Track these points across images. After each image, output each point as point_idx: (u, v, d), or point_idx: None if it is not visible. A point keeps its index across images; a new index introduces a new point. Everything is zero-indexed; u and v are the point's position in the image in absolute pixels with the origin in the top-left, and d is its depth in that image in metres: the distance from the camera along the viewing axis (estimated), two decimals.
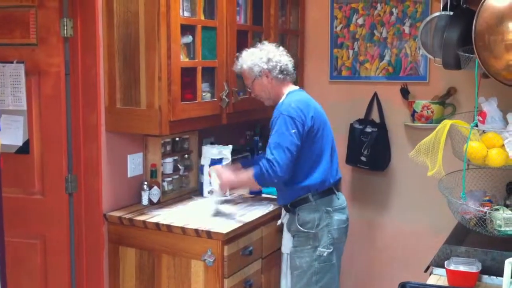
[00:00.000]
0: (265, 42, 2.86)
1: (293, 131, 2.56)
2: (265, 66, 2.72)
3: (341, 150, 3.70)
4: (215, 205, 2.92)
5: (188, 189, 3.33)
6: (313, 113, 2.65)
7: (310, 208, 2.67)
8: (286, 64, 2.76)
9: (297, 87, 2.83)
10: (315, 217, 2.66)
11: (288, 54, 2.82)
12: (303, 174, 2.65)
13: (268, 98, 2.81)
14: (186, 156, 3.32)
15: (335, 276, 2.73)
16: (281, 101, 2.71)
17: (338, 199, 2.74)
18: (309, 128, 2.61)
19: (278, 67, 2.72)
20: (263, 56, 2.73)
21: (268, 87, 2.76)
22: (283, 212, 2.84)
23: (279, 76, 2.73)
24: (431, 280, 2.20)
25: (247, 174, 2.69)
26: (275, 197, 3.06)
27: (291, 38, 3.73)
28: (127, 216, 2.82)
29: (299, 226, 2.67)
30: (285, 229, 2.83)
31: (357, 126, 3.63)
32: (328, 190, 2.70)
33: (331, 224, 2.67)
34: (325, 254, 2.65)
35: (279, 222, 2.89)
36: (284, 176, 2.56)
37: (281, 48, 2.83)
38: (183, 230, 2.68)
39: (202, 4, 2.86)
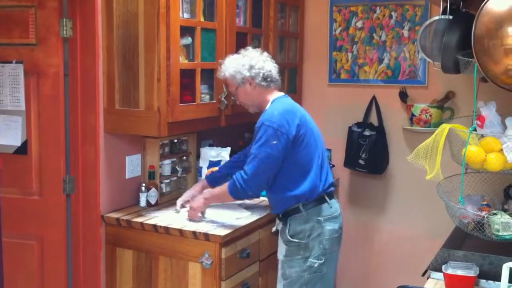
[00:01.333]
0: (249, 48, 2.79)
1: (274, 142, 2.51)
2: (248, 74, 2.66)
3: (339, 153, 3.72)
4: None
5: (186, 191, 3.31)
6: (299, 120, 2.58)
7: (301, 219, 2.62)
8: (270, 71, 2.68)
9: (282, 93, 2.76)
10: (305, 227, 2.61)
11: (272, 60, 2.75)
12: (292, 183, 2.60)
13: (252, 105, 2.75)
14: (184, 158, 3.32)
15: (326, 285, 2.68)
16: (266, 109, 2.67)
17: (331, 207, 2.67)
18: (294, 136, 2.55)
19: (261, 74, 2.65)
20: (245, 63, 2.67)
21: (252, 95, 2.70)
22: (277, 220, 2.80)
23: (263, 83, 2.67)
24: (429, 284, 2.20)
25: (221, 188, 2.70)
26: None
27: (291, 41, 3.74)
28: (125, 217, 2.81)
29: (289, 237, 2.63)
30: (279, 236, 2.80)
31: (355, 129, 3.63)
32: (319, 198, 2.64)
33: (323, 234, 2.62)
34: (316, 265, 2.60)
35: (273, 229, 2.86)
36: (256, 189, 2.57)
37: (265, 54, 2.75)
38: (181, 232, 2.67)
39: (202, 5, 2.86)
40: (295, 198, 2.61)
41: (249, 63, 2.67)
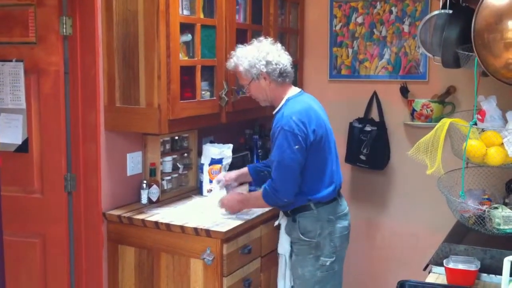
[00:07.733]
0: (262, 39, 2.71)
1: (296, 147, 2.47)
2: (264, 69, 2.57)
3: (340, 149, 3.68)
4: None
5: (187, 188, 3.32)
6: (315, 124, 2.54)
7: (312, 217, 2.59)
8: (285, 65, 2.62)
9: (298, 90, 2.70)
10: (316, 226, 2.58)
11: (286, 52, 2.69)
12: (306, 185, 2.57)
13: (264, 100, 2.69)
14: (186, 154, 3.32)
15: (337, 283, 2.69)
16: (279, 107, 2.63)
17: (341, 205, 2.67)
18: (311, 142, 2.52)
19: (277, 70, 2.58)
20: (262, 59, 2.57)
21: (266, 90, 2.64)
22: (281, 214, 2.79)
23: (279, 79, 2.60)
24: (430, 279, 2.20)
25: (256, 195, 2.69)
26: None
27: (291, 37, 3.73)
28: (126, 214, 2.82)
29: (300, 235, 2.60)
30: (282, 230, 2.76)
31: (356, 125, 3.63)
32: (332, 198, 2.64)
33: (334, 233, 2.61)
34: (328, 263, 2.60)
35: (276, 223, 2.85)
36: (289, 195, 2.54)
37: (278, 45, 2.68)
38: (182, 228, 2.68)
39: (202, 2, 2.86)
40: (308, 198, 2.59)
41: (265, 59, 2.58)
